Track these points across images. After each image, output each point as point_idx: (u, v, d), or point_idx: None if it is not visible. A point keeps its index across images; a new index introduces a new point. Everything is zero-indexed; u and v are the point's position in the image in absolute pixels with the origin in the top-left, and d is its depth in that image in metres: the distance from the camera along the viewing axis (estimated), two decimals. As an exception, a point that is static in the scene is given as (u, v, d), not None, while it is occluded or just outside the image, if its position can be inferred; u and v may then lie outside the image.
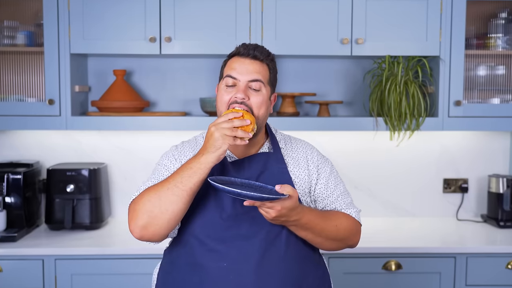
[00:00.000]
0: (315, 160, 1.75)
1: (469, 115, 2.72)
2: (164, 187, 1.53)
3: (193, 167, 1.53)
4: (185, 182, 1.52)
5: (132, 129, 2.68)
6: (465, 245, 2.57)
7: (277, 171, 1.68)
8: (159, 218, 1.53)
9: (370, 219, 2.97)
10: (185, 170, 1.53)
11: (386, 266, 2.50)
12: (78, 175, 2.71)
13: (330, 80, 2.98)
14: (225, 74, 1.66)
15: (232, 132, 1.53)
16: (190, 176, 1.52)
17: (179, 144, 1.79)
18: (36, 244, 2.51)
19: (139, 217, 1.54)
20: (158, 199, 1.52)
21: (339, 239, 1.67)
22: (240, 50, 1.67)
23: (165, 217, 1.53)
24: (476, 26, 2.82)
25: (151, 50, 2.63)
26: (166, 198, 1.52)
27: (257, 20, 2.62)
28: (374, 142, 3.00)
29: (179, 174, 1.54)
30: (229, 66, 1.67)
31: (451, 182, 3.06)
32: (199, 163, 1.53)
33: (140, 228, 1.54)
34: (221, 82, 1.68)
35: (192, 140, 1.80)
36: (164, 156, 1.75)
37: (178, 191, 1.52)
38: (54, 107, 2.63)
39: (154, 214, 1.53)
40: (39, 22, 2.70)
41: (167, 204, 1.52)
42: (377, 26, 2.66)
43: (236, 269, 1.56)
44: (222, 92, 1.66)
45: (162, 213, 1.53)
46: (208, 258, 1.58)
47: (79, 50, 2.63)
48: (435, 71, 2.75)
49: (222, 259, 1.56)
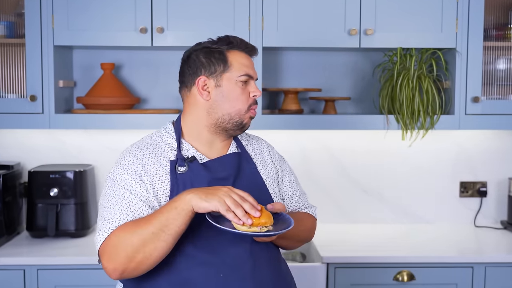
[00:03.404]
0: (276, 157, 1.83)
1: (488, 112, 2.72)
2: (147, 230, 1.48)
3: (177, 207, 1.48)
4: (170, 225, 1.47)
5: (121, 128, 2.68)
6: (484, 254, 2.57)
7: (249, 173, 1.71)
8: (143, 263, 1.50)
9: (380, 226, 2.96)
10: (170, 211, 1.48)
11: (398, 277, 2.50)
12: (62, 178, 2.71)
13: (337, 74, 2.98)
14: (241, 71, 1.66)
15: (233, 205, 1.46)
16: (175, 218, 1.48)
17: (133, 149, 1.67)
18: (16, 253, 2.51)
19: (119, 261, 1.50)
20: (142, 245, 1.48)
21: (304, 240, 1.83)
22: (237, 43, 1.69)
23: (149, 262, 1.50)
24: (496, 15, 2.82)
25: (142, 42, 2.63)
26: (151, 244, 1.48)
27: (257, 8, 2.62)
28: (384, 142, 3.00)
29: (164, 215, 1.48)
30: (238, 61, 1.67)
31: (468, 186, 3.05)
32: (185, 203, 1.48)
33: (120, 272, 1.51)
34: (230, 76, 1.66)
35: (145, 141, 1.70)
36: (120, 168, 1.63)
37: (165, 237, 1.48)
38: (36, 104, 2.63)
39: (138, 260, 1.49)
40: (20, 11, 2.69)
41: (152, 250, 1.49)
42: (388, 15, 2.66)
43: (235, 277, 1.56)
44: (240, 89, 1.66)
45: (147, 258, 1.49)
46: (201, 273, 1.55)
47: (63, 41, 2.62)
48: (451, 64, 2.75)
49: (219, 271, 1.55)
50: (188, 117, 1.70)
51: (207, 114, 1.66)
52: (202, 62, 1.66)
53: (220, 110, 1.65)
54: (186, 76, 1.69)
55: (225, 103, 1.65)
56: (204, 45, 1.70)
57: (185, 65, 1.70)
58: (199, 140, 1.69)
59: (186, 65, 1.70)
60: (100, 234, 1.54)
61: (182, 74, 1.71)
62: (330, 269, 2.46)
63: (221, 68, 1.65)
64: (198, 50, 1.69)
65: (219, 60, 1.66)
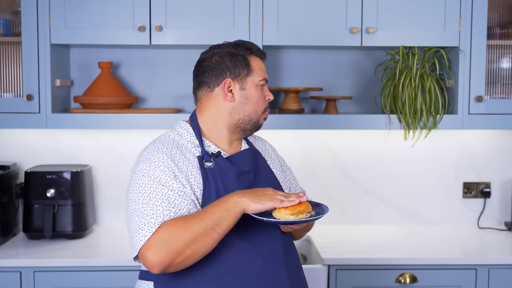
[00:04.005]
0: (275, 153, 2.00)
1: (491, 112, 2.71)
2: (199, 228, 1.58)
3: (230, 209, 1.60)
4: (221, 225, 1.59)
5: (119, 127, 2.68)
6: (488, 256, 2.57)
7: (263, 167, 1.86)
8: (190, 258, 1.60)
9: (382, 227, 2.96)
10: (222, 211, 1.60)
11: (400, 279, 2.49)
12: (59, 178, 2.71)
13: (338, 73, 2.98)
14: (261, 76, 1.79)
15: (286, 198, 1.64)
16: (226, 218, 1.60)
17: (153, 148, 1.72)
18: (13, 254, 2.51)
19: (168, 255, 1.57)
20: (193, 241, 1.58)
21: (308, 230, 1.98)
22: (255, 49, 1.81)
23: (195, 257, 1.60)
24: (500, 13, 2.81)
25: (140, 40, 2.63)
26: (202, 241, 1.58)
27: (257, 6, 2.62)
28: (386, 142, 3.00)
29: (215, 214, 1.59)
30: (257, 66, 1.80)
31: (471, 186, 3.05)
32: (236, 205, 1.60)
33: (166, 266, 1.58)
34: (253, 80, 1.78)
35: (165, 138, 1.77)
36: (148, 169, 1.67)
37: (215, 235, 1.59)
38: (33, 103, 2.63)
39: (186, 254, 1.58)
40: (16, 9, 2.69)
41: (201, 246, 1.59)
42: (390, 13, 2.66)
43: (270, 263, 1.70)
44: (259, 92, 1.80)
45: (194, 253, 1.59)
46: (242, 260, 1.67)
47: (60, 40, 2.62)
48: (454, 63, 2.74)
49: (257, 257, 1.68)
50: (207, 116, 1.79)
51: (229, 114, 1.77)
52: (228, 65, 1.77)
53: (242, 112, 1.78)
54: (209, 77, 1.78)
55: (248, 105, 1.78)
56: (226, 48, 1.79)
57: (207, 66, 1.79)
58: (219, 138, 1.80)
59: (208, 66, 1.78)
60: (146, 229, 1.60)
61: (202, 74, 1.80)
62: (331, 271, 2.46)
63: (245, 72, 1.77)
64: (220, 52, 1.78)
65: (243, 64, 1.77)
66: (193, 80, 1.84)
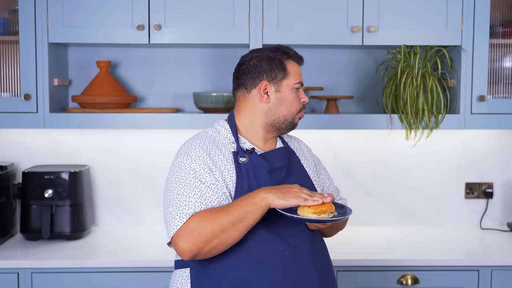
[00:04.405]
0: (310, 152, 2.09)
1: (494, 111, 2.71)
2: (227, 220, 1.70)
3: (256, 204, 1.71)
4: (248, 218, 1.71)
5: (117, 127, 2.67)
6: (490, 257, 2.57)
7: (296, 166, 1.95)
8: (217, 248, 1.72)
9: (383, 228, 2.96)
10: (249, 205, 1.71)
11: (402, 280, 2.49)
12: (57, 178, 2.71)
13: (339, 72, 2.98)
14: (297, 80, 1.91)
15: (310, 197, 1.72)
16: (252, 213, 1.70)
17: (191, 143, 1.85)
18: (10, 255, 2.50)
19: (197, 245, 1.70)
20: (221, 232, 1.70)
21: (341, 229, 2.10)
22: (293, 54, 1.94)
23: (222, 248, 1.72)
24: (502, 12, 2.81)
25: (138, 39, 2.62)
26: (229, 232, 1.70)
27: (258, 5, 2.62)
28: (388, 142, 3.00)
29: (243, 208, 1.71)
30: (294, 70, 1.91)
31: (474, 187, 3.05)
32: (263, 200, 1.71)
33: (195, 254, 1.71)
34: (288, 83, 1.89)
35: (203, 134, 1.89)
36: (186, 162, 1.80)
37: (241, 227, 1.71)
38: (31, 103, 2.62)
39: (213, 244, 1.70)
40: (14, 7, 2.69)
41: (228, 237, 1.71)
42: (392, 12, 2.66)
43: (297, 255, 1.79)
44: (294, 94, 1.90)
45: (221, 244, 1.71)
46: (270, 250, 1.77)
47: (58, 39, 2.62)
48: (456, 62, 2.74)
49: (284, 249, 1.77)
50: (244, 116, 1.91)
51: (264, 115, 1.89)
52: (264, 68, 1.88)
53: (277, 112, 1.89)
54: (246, 79, 1.90)
55: (282, 106, 1.89)
56: (264, 52, 1.91)
57: (245, 68, 1.90)
58: (255, 136, 1.91)
59: (246, 69, 1.90)
60: (178, 219, 1.73)
61: (240, 76, 1.91)
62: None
63: (281, 75, 1.89)
64: (259, 56, 1.90)
65: (280, 68, 1.89)
66: (232, 82, 1.95)
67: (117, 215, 2.99)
